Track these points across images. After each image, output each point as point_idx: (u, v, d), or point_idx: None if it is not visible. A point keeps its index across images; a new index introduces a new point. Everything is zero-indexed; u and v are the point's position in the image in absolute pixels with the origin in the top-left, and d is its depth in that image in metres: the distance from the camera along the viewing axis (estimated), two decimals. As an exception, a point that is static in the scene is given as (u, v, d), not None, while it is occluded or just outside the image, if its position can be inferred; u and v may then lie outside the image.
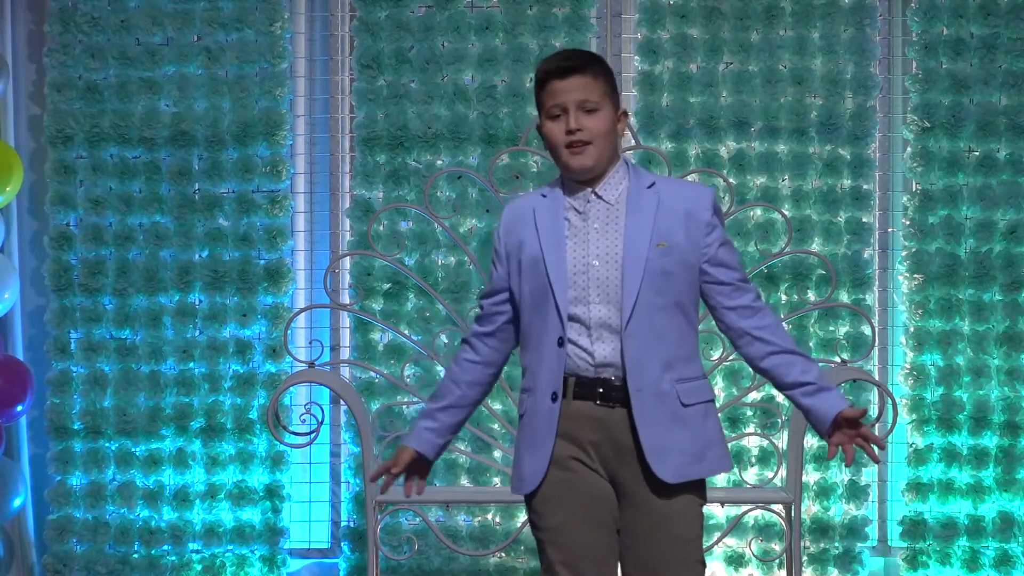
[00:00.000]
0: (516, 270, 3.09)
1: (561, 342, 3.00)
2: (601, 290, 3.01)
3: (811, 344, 5.05)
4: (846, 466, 3.64)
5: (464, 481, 5.10)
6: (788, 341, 3.07)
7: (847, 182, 5.08)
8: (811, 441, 5.04)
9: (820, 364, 4.96)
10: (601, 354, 3.00)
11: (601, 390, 3.00)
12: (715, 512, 5.09)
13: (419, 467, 3.17)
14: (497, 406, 5.05)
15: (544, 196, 3.12)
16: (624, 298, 2.99)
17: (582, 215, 3.06)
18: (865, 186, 5.09)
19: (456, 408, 3.16)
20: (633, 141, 4.97)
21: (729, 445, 5.04)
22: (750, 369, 4.96)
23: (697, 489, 3.09)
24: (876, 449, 3.01)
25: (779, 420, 4.98)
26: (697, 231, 3.04)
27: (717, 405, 4.96)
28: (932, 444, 5.05)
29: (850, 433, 3.00)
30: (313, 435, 4.93)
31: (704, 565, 3.11)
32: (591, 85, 3.03)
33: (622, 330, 2.99)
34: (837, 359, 4.91)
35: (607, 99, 3.04)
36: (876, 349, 5.06)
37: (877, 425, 4.79)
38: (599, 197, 3.07)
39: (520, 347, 3.13)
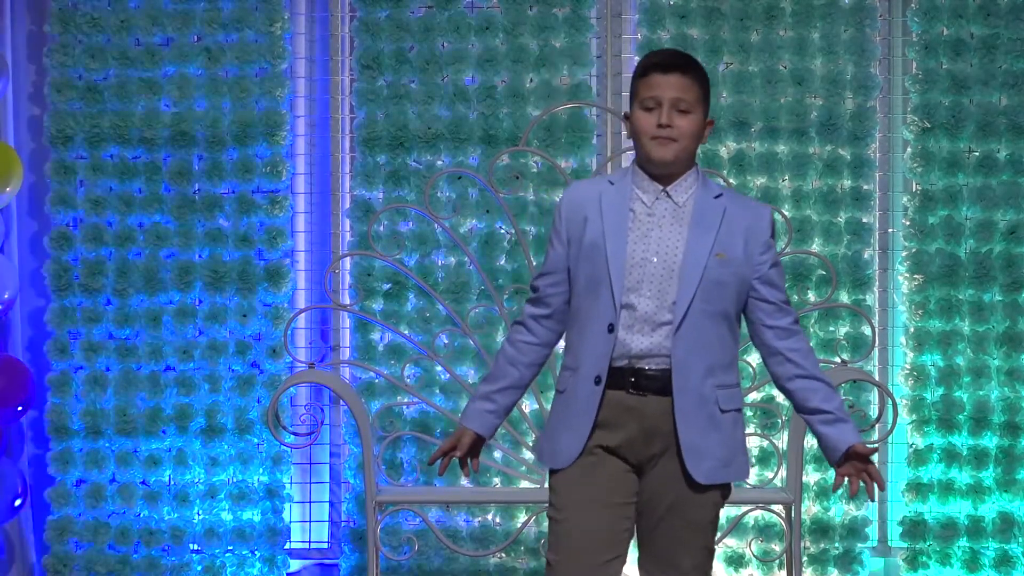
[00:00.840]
0: (576, 252, 3.18)
1: (611, 328, 3.09)
2: (653, 286, 3.10)
3: (811, 344, 5.04)
4: (850, 497, 3.69)
5: (464, 481, 5.10)
6: (816, 368, 3.23)
7: (847, 182, 5.08)
8: (811, 442, 5.04)
9: (820, 364, 4.96)
10: (639, 346, 3.10)
11: (633, 379, 3.10)
12: (715, 512, 5.08)
13: (476, 448, 3.28)
14: (497, 406, 5.05)
15: (612, 183, 3.21)
16: (678, 301, 3.09)
17: (648, 209, 3.16)
18: (865, 186, 5.09)
19: (514, 389, 3.26)
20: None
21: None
22: (750, 370, 4.96)
23: (722, 486, 3.20)
24: (876, 488, 3.17)
25: (779, 420, 4.99)
26: (755, 247, 3.17)
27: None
28: (932, 444, 5.05)
29: (858, 467, 3.17)
30: (313, 435, 4.93)
31: (711, 553, 3.20)
32: (689, 87, 3.13)
33: (673, 332, 3.09)
34: (837, 359, 4.91)
35: (700, 104, 3.15)
36: (876, 349, 5.06)
37: (877, 425, 4.80)
38: (668, 196, 3.16)
39: (568, 324, 3.22)
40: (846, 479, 3.17)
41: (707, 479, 3.12)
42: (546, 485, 3.84)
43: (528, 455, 5.02)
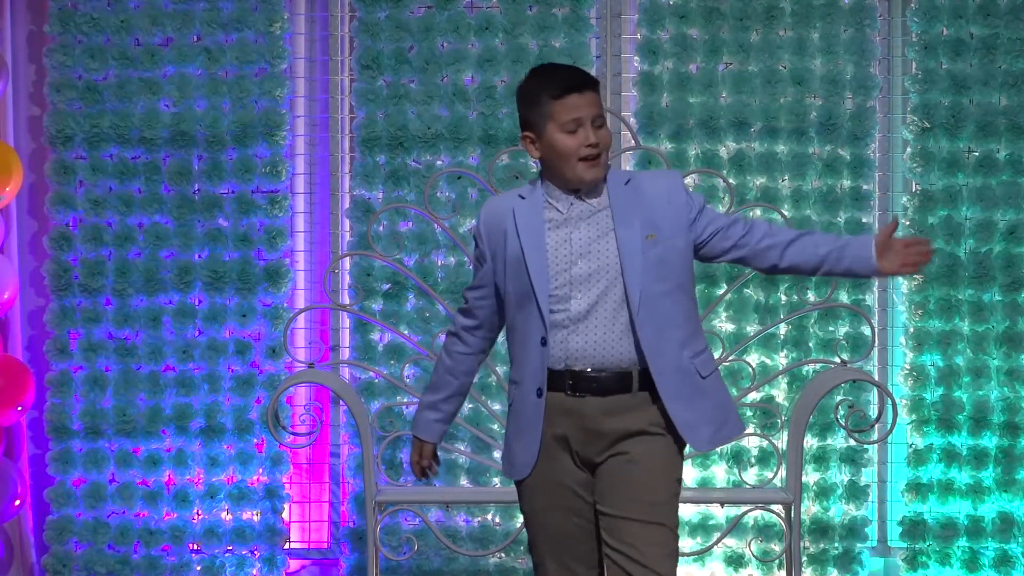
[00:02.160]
0: (501, 268, 3.25)
1: (544, 342, 3.17)
2: (584, 287, 3.15)
3: (811, 344, 5.05)
4: (924, 263, 3.26)
5: (464, 481, 5.11)
6: (787, 233, 3.24)
7: (847, 182, 5.08)
8: (811, 441, 5.04)
9: (820, 364, 4.97)
10: (574, 347, 3.15)
11: (571, 381, 3.17)
12: (715, 512, 5.08)
13: (434, 454, 3.50)
14: (496, 406, 5.05)
15: (523, 197, 3.27)
16: (630, 291, 3.13)
17: (563, 216, 3.20)
18: (865, 186, 5.09)
19: (456, 396, 3.44)
20: (633, 141, 4.97)
21: (729, 445, 5.05)
22: (750, 369, 4.97)
23: (673, 462, 3.23)
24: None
25: (779, 420, 4.98)
26: (678, 213, 3.21)
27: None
28: (932, 444, 5.05)
29: (897, 248, 3.19)
30: (313, 435, 4.93)
31: (669, 529, 3.17)
32: (598, 101, 3.20)
33: (634, 318, 3.13)
34: (837, 359, 4.90)
35: (605, 114, 3.24)
36: (876, 349, 5.06)
37: (877, 425, 4.79)
38: (582, 199, 3.21)
39: (507, 337, 3.31)
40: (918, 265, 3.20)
41: (711, 444, 3.21)
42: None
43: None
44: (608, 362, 3.15)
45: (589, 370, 3.15)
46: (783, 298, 5.07)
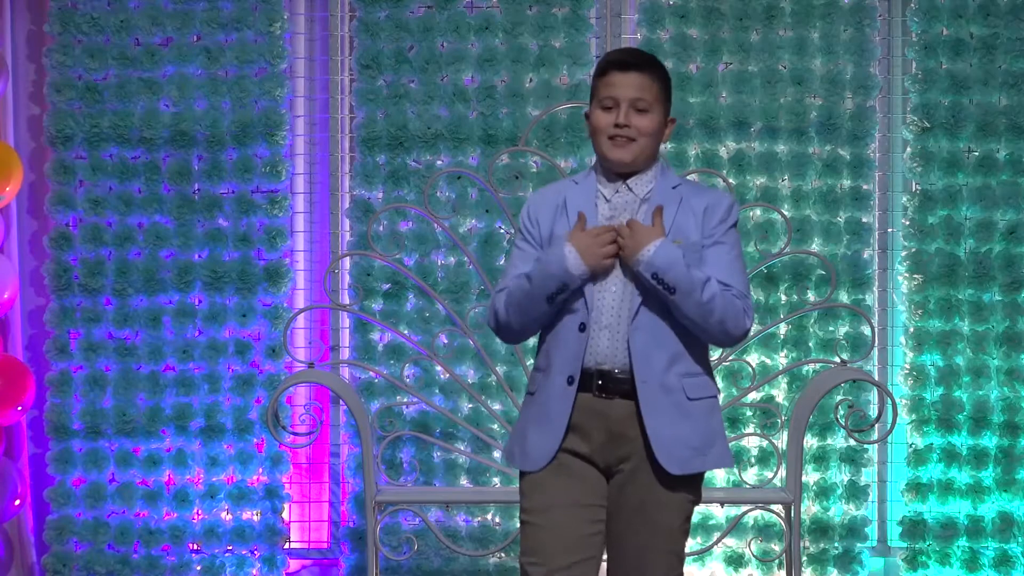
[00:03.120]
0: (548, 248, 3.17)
1: (583, 327, 3.09)
2: (619, 281, 3.11)
3: (811, 344, 5.05)
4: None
5: (464, 481, 5.11)
6: (721, 290, 3.10)
7: (847, 182, 5.08)
8: (811, 441, 5.04)
9: (820, 364, 4.97)
10: (603, 345, 3.09)
11: (600, 381, 3.09)
12: (715, 512, 5.09)
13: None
14: (496, 406, 5.05)
15: (576, 183, 3.22)
16: (632, 291, 3.09)
17: (610, 204, 3.17)
18: (865, 186, 5.09)
19: None
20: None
21: (729, 445, 5.04)
22: (750, 370, 4.97)
23: (692, 486, 3.16)
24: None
25: (779, 420, 4.98)
26: (709, 222, 3.14)
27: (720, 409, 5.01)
28: (932, 444, 5.05)
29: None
30: (313, 435, 4.93)
31: (680, 560, 3.16)
32: (648, 86, 3.12)
33: (629, 323, 3.07)
34: (837, 359, 4.90)
35: (659, 103, 3.14)
36: (876, 349, 5.06)
37: (877, 425, 4.79)
38: (629, 189, 3.17)
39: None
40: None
41: (681, 469, 3.08)
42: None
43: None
44: (622, 365, 3.09)
45: (616, 371, 3.09)
46: (783, 298, 5.07)
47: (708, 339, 3.15)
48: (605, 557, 3.24)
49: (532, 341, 3.67)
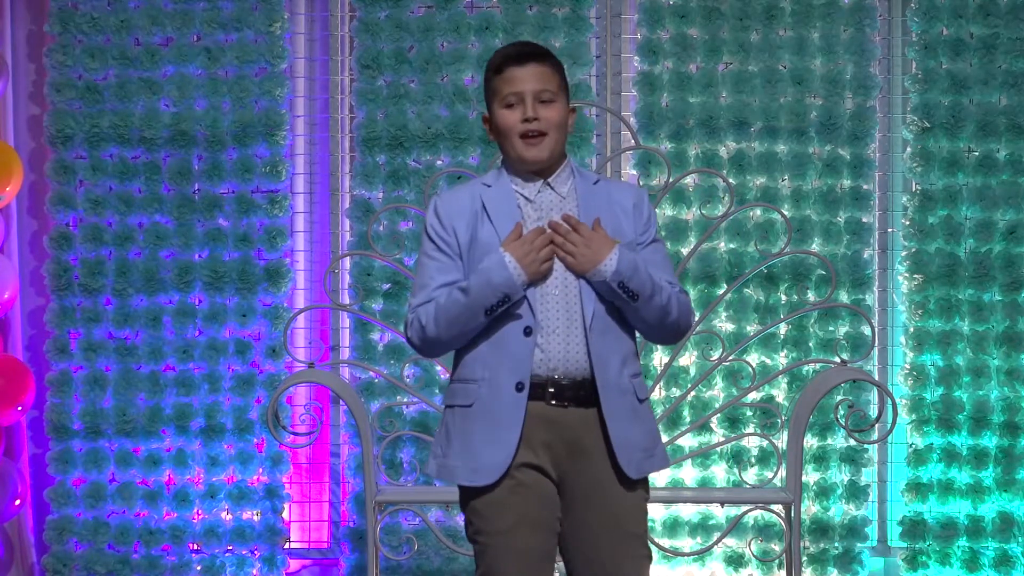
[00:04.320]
0: (468, 259, 3.03)
1: (528, 331, 2.97)
2: (558, 283, 3.00)
3: (811, 344, 5.05)
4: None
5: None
6: (672, 292, 3.05)
7: (847, 182, 5.08)
8: (811, 441, 5.04)
9: (820, 364, 4.97)
10: (555, 353, 2.98)
11: (552, 390, 2.98)
12: (715, 512, 5.09)
13: None
14: (497, 406, 5.05)
15: (488, 185, 3.09)
16: (584, 296, 2.99)
17: (534, 204, 3.06)
18: (865, 186, 5.09)
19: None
20: (633, 141, 4.97)
21: (729, 445, 5.05)
22: (750, 369, 4.96)
23: (644, 485, 3.09)
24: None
25: (779, 420, 4.98)
26: (638, 224, 3.08)
27: (717, 405, 5.02)
28: (932, 444, 5.05)
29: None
30: (313, 435, 4.93)
31: (650, 559, 3.09)
32: (548, 76, 3.03)
33: (587, 328, 2.98)
34: (837, 359, 4.90)
35: (562, 92, 3.05)
36: (876, 349, 5.06)
37: (877, 425, 4.79)
38: (551, 187, 3.07)
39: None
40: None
41: (638, 472, 3.00)
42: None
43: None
44: (577, 371, 2.98)
45: (571, 378, 2.97)
46: (783, 298, 5.07)
47: (656, 338, 3.09)
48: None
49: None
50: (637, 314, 3.00)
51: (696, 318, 3.13)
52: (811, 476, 5.05)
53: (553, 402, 2.98)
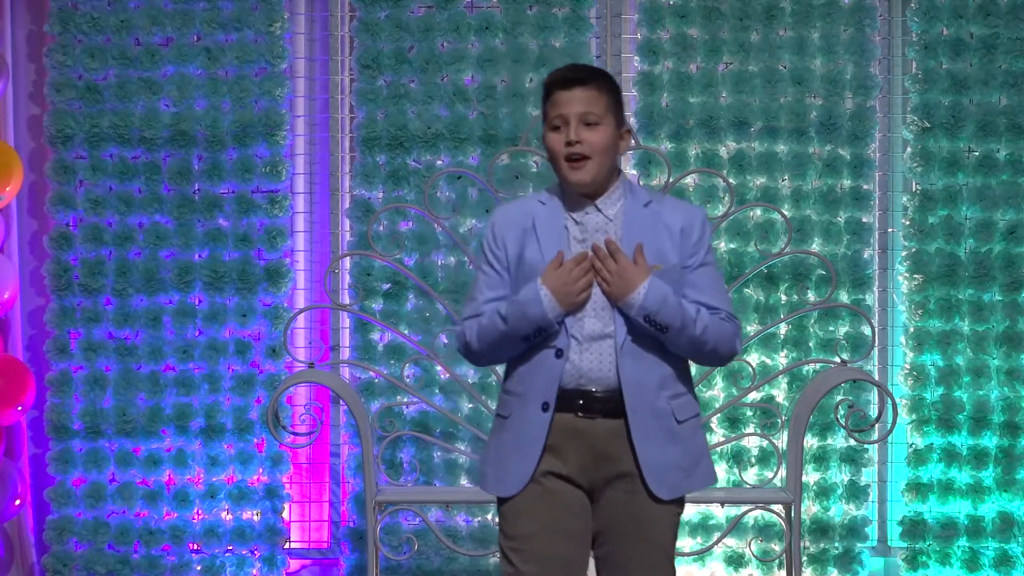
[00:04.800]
0: (515, 275, 3.10)
1: (559, 354, 3.03)
2: (596, 305, 3.04)
3: (811, 344, 5.05)
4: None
5: (464, 481, 5.10)
6: (710, 319, 3.07)
7: (847, 182, 5.08)
8: (811, 441, 5.04)
9: (820, 364, 4.97)
10: (587, 366, 3.03)
11: (581, 402, 3.03)
12: (715, 512, 5.09)
13: None
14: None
15: (543, 203, 3.13)
16: (619, 317, 3.03)
17: (580, 226, 3.09)
18: (865, 186, 5.09)
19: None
20: (633, 141, 4.97)
21: (729, 445, 5.05)
22: (750, 370, 4.96)
23: (679, 500, 3.13)
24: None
25: (779, 420, 4.98)
26: (686, 247, 3.09)
27: (717, 405, 5.02)
28: (932, 444, 5.05)
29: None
30: (313, 435, 4.93)
31: (674, 570, 3.14)
32: (594, 99, 3.05)
33: (618, 349, 3.02)
34: (837, 359, 4.90)
35: (609, 114, 3.06)
36: (876, 349, 5.06)
37: (877, 425, 4.79)
38: (598, 210, 3.09)
39: None
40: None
41: (671, 494, 3.05)
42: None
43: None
44: (608, 386, 3.03)
45: (599, 391, 3.03)
46: (783, 298, 5.07)
47: (696, 361, 3.14)
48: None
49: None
50: (671, 344, 3.05)
51: (740, 344, 3.14)
52: (811, 476, 5.05)
53: (581, 414, 3.03)
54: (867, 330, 5.00)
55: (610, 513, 3.07)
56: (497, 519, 5.02)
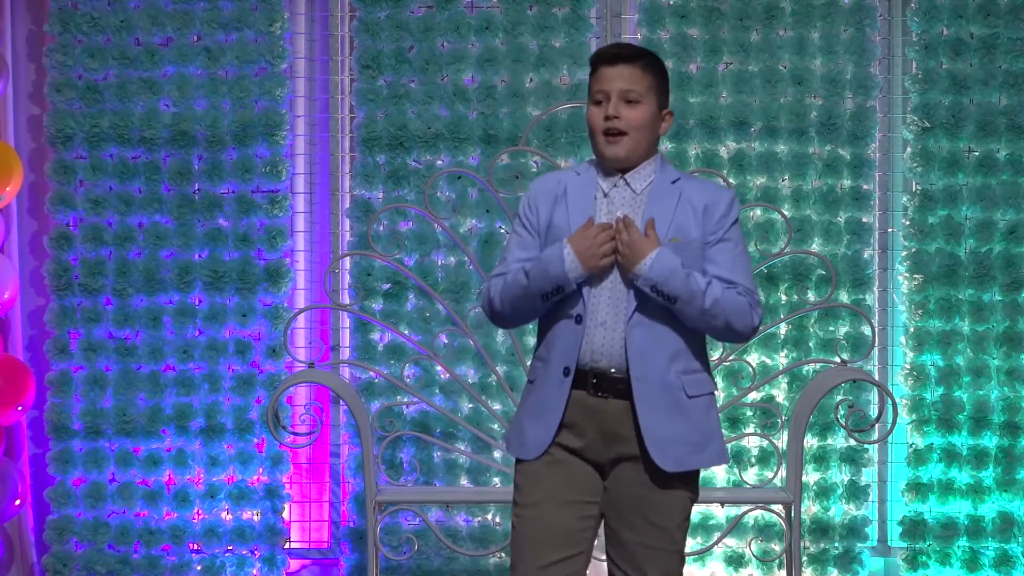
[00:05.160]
0: (545, 237, 3.17)
1: (579, 319, 3.09)
2: (612, 282, 3.10)
3: (811, 344, 5.05)
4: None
5: (464, 481, 5.11)
6: (725, 293, 3.09)
7: (847, 182, 5.08)
8: (811, 441, 5.04)
9: (820, 364, 4.97)
10: (599, 342, 3.09)
11: (595, 380, 3.10)
12: (715, 512, 5.09)
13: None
14: (497, 406, 5.05)
15: (578, 174, 3.21)
16: (626, 289, 3.09)
17: (608, 198, 3.16)
18: (865, 186, 5.09)
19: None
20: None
21: (729, 445, 5.05)
22: (750, 370, 4.96)
23: (689, 483, 3.16)
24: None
25: (779, 420, 4.98)
26: (709, 223, 3.13)
27: (717, 405, 5.01)
28: (932, 444, 5.05)
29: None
30: (313, 435, 4.93)
31: (682, 557, 3.17)
32: (637, 77, 3.10)
33: (625, 321, 3.07)
34: (837, 359, 4.91)
35: (652, 94, 3.12)
36: (876, 349, 5.06)
37: (877, 425, 4.79)
38: (627, 184, 3.15)
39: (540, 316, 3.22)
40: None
41: (675, 466, 3.09)
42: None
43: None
44: (619, 363, 3.08)
45: (612, 370, 3.08)
46: (783, 297, 5.07)
47: (716, 337, 3.16)
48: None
49: (532, 340, 3.66)
50: (681, 315, 3.09)
51: (759, 319, 3.15)
52: (811, 476, 5.05)
53: (593, 391, 3.10)
54: (867, 330, 5.00)
55: (616, 492, 3.13)
56: (497, 519, 5.07)
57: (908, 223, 5.07)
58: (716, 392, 5.02)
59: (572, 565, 3.13)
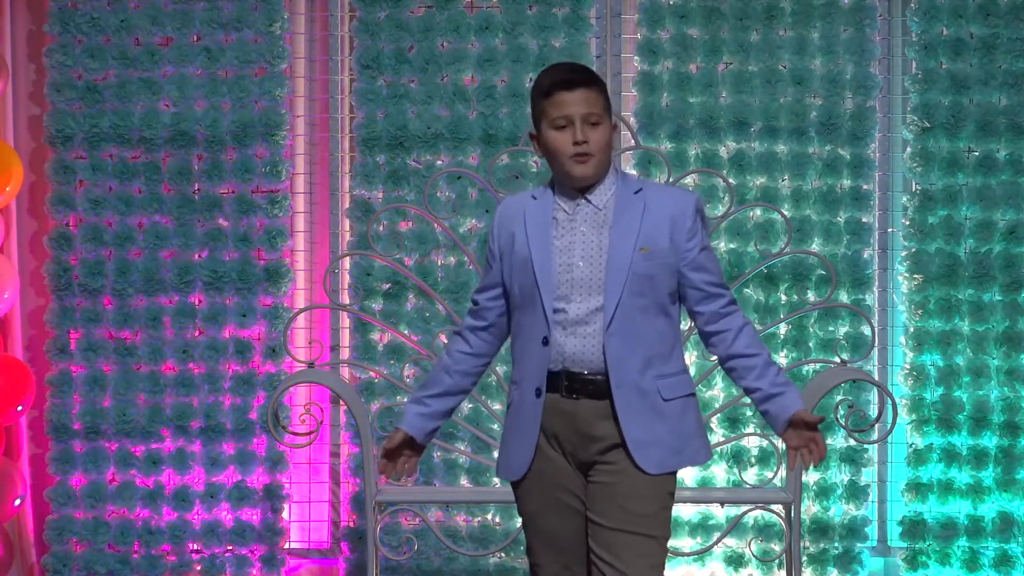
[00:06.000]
0: (508, 268, 3.24)
1: (546, 341, 3.15)
2: (583, 290, 3.15)
3: (811, 344, 5.05)
4: (789, 469, 3.43)
5: (464, 481, 5.11)
6: (749, 344, 3.19)
7: (847, 182, 5.08)
8: (811, 441, 5.04)
9: (820, 364, 4.97)
10: (571, 349, 3.15)
11: (567, 383, 3.15)
12: (715, 512, 5.09)
13: (409, 447, 3.33)
14: (497, 406, 5.05)
15: (535, 198, 3.27)
16: (607, 300, 3.13)
17: (570, 216, 3.20)
18: (865, 186, 5.09)
19: (447, 396, 3.34)
20: (633, 141, 4.97)
21: (729, 445, 5.05)
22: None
23: (666, 480, 3.21)
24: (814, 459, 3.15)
25: (779, 420, 4.97)
26: (680, 235, 3.18)
27: (717, 405, 5.02)
28: (932, 444, 5.05)
29: (804, 436, 3.13)
30: (313, 435, 4.93)
31: (660, 546, 3.18)
32: (594, 99, 3.16)
33: (604, 330, 3.13)
34: (837, 359, 4.90)
35: (606, 113, 3.19)
36: (876, 349, 5.06)
37: (877, 425, 4.79)
38: (588, 201, 3.20)
39: (511, 338, 3.30)
40: (798, 454, 3.14)
41: (659, 468, 3.14)
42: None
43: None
44: (593, 367, 3.14)
45: (585, 373, 3.14)
46: (783, 298, 5.07)
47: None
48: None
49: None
50: None
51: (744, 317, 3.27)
52: (811, 476, 5.05)
53: (565, 394, 3.16)
54: (867, 330, 5.00)
55: (595, 484, 3.18)
56: (497, 519, 5.08)
57: (908, 223, 5.07)
58: (715, 392, 5.03)
59: (579, 569, 3.24)
